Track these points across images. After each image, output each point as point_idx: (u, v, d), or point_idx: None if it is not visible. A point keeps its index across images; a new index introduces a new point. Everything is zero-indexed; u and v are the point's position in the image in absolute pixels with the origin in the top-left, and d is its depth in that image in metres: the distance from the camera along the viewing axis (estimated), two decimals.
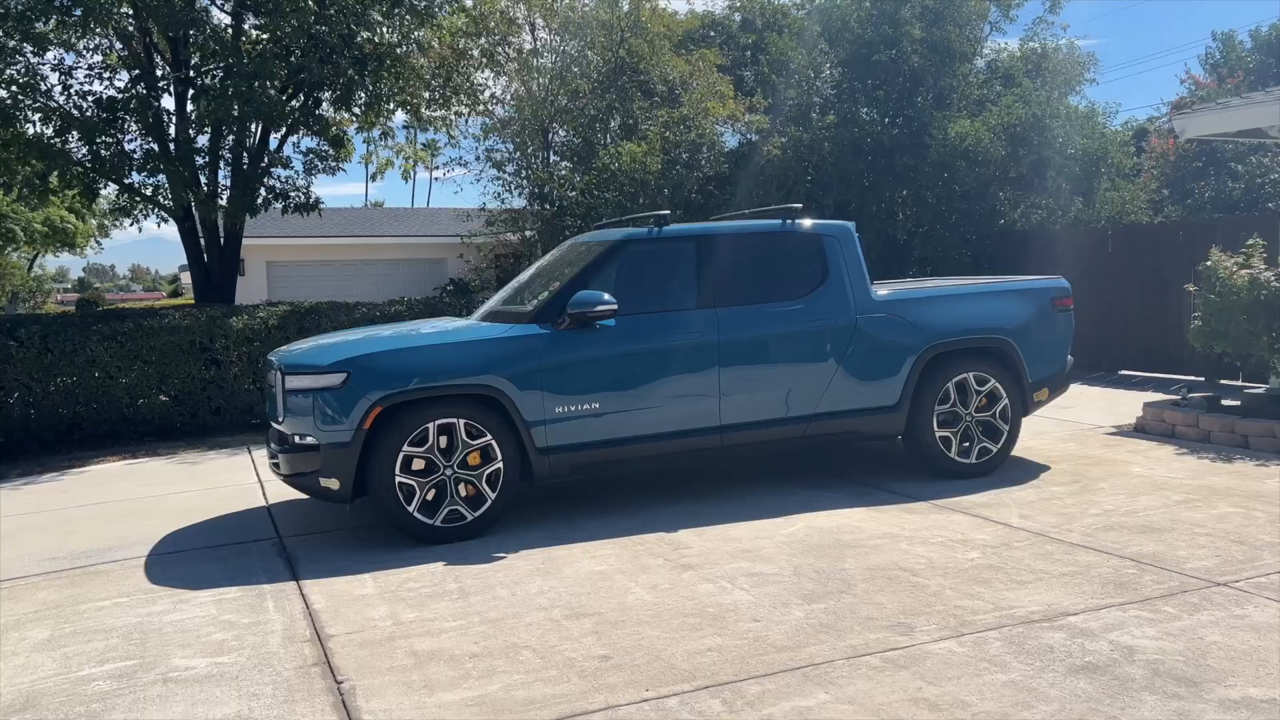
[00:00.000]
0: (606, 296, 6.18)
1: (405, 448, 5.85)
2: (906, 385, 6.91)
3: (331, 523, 6.63)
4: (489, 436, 6.02)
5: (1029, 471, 7.25)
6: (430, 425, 5.90)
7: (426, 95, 13.31)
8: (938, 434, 6.98)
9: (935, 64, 13.87)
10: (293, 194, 13.04)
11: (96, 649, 4.49)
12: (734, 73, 13.80)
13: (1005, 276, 8.12)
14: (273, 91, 11.96)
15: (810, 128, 13.55)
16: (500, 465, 6.05)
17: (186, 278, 43.91)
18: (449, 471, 5.95)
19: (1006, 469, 7.25)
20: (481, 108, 13.18)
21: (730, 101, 12.80)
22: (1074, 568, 5.00)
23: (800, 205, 7.17)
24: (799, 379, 6.70)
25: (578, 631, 4.40)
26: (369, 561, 5.67)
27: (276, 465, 6.22)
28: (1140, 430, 8.68)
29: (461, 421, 5.96)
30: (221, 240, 13.29)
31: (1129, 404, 10.25)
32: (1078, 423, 9.22)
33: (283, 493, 7.48)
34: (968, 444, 7.07)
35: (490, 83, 13.36)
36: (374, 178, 22.10)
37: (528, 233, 13.91)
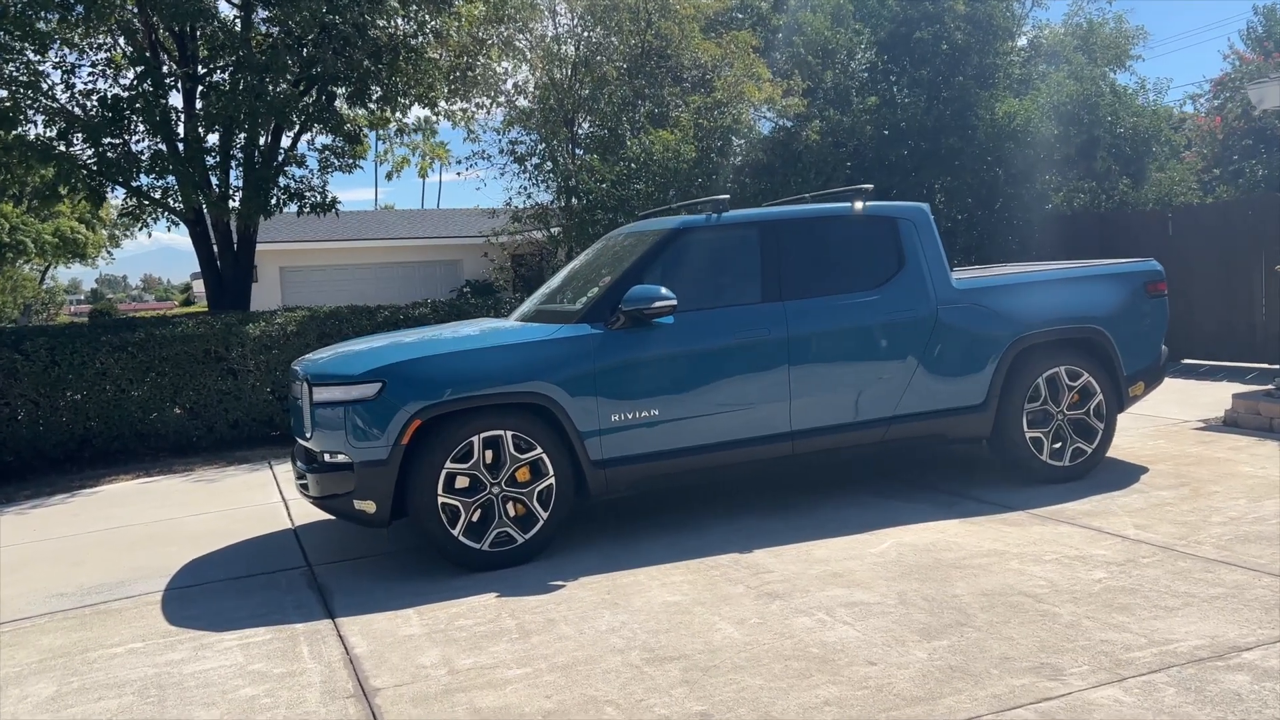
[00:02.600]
0: (664, 291, 5.55)
1: (448, 464, 5.24)
2: (993, 382, 6.26)
3: (365, 547, 6.03)
4: (539, 449, 5.40)
5: (1126, 474, 6.59)
6: (475, 439, 5.29)
7: (446, 89, 12.68)
8: (1028, 435, 6.33)
9: (979, 41, 13.17)
10: (308, 194, 12.44)
11: (108, 710, 3.89)
12: (766, 55, 13.16)
13: (1087, 260, 7.47)
14: (285, 86, 11.36)
15: (849, 111, 12.87)
16: (552, 481, 5.44)
17: (198, 286, 43.39)
18: (496, 489, 5.34)
19: (1101, 472, 6.60)
20: (503, 99, 12.58)
21: (767, 85, 12.14)
22: (1223, 589, 4.35)
23: (871, 186, 6.53)
24: (877, 377, 6.07)
25: (665, 681, 3.77)
26: (411, 593, 5.07)
27: (305, 486, 5.61)
28: (1231, 424, 8.01)
29: (509, 433, 5.35)
30: (235, 244, 12.70)
31: (1206, 395, 9.59)
32: (1159, 417, 8.55)
33: (309, 513, 6.88)
34: (1059, 445, 6.43)
35: (512, 71, 12.74)
36: (389, 176, 21.51)
37: (554, 230, 13.27)
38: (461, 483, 5.31)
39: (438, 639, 4.38)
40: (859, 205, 6.30)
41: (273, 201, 11.90)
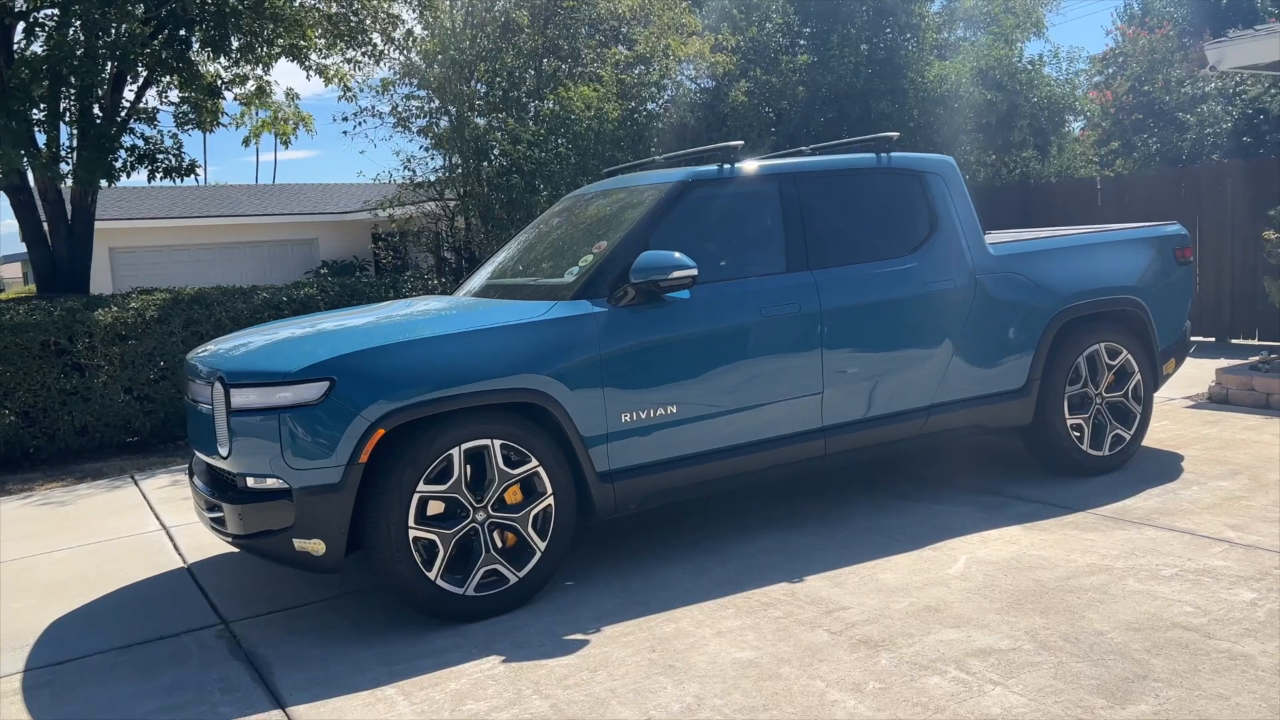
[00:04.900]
0: (681, 258, 4.43)
1: (421, 486, 3.99)
2: (1035, 362, 5.44)
3: (292, 592, 4.67)
4: (534, 462, 4.21)
5: (1164, 463, 5.91)
6: (455, 451, 4.05)
7: (322, 40, 11.05)
8: (1069, 421, 5.55)
9: (901, 1, 12.51)
10: (160, 156, 10.60)
11: None
12: (692, 7, 12.14)
13: (1111, 224, 6.77)
14: (130, 25, 9.54)
15: (777, 70, 11.98)
16: (551, 501, 4.26)
17: (6, 271, 38.86)
18: (481, 515, 4.13)
19: (1137, 461, 5.90)
20: (396, 50, 11.06)
21: (694, 39, 11.10)
22: None
23: (896, 135, 5.57)
24: (916, 359, 5.15)
25: None
26: (380, 659, 3.81)
27: (219, 521, 4.22)
28: (1220, 401, 7.55)
29: (497, 443, 4.14)
30: (69, 216, 10.73)
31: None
32: None
33: (201, 544, 5.45)
34: (1097, 432, 5.68)
35: (404, 16, 11.22)
36: (246, 143, 19.33)
37: (451, 202, 11.84)
38: (435, 509, 4.08)
39: None
40: (883, 157, 5.35)
41: (118, 164, 10.05)
